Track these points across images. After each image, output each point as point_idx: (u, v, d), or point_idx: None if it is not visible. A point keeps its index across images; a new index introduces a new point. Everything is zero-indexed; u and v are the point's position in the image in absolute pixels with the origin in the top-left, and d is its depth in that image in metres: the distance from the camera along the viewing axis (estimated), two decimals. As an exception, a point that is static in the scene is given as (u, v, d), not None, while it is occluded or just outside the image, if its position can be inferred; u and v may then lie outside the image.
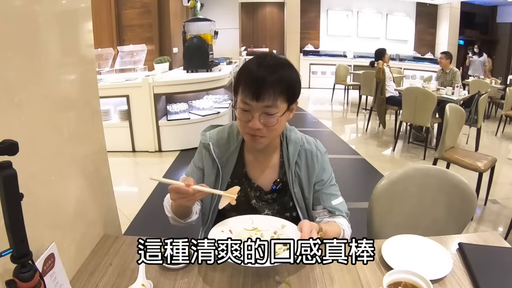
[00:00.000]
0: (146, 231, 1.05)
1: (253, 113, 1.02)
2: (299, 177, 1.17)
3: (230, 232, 1.02)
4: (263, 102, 1.00)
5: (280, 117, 1.04)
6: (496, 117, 6.71)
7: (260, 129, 1.03)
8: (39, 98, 0.87)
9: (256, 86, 1.00)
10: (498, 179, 3.65)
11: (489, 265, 0.97)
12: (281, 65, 1.04)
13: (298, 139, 1.19)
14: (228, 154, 1.18)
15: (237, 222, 1.06)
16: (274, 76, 1.00)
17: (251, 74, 1.02)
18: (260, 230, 1.04)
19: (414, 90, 4.53)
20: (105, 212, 1.22)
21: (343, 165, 4.27)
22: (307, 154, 1.18)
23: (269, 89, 1.00)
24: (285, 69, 1.04)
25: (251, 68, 1.03)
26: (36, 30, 0.86)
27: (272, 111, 1.02)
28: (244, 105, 1.03)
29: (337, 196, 1.21)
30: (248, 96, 1.01)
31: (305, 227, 0.96)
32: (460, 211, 1.39)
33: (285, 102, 1.04)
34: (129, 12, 5.59)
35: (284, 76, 1.02)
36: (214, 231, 1.00)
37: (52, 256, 0.80)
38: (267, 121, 1.03)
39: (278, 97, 1.01)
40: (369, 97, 6.69)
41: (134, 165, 4.17)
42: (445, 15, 9.78)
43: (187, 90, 4.59)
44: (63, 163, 0.97)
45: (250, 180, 1.20)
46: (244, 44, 10.10)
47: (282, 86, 1.01)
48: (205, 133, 1.23)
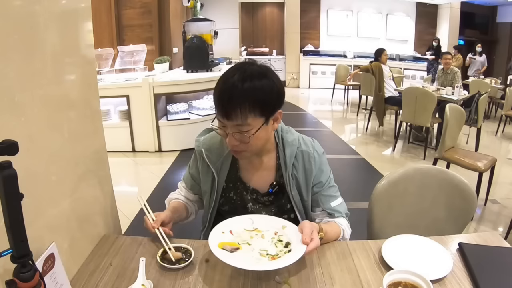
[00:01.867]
0: (146, 231, 1.05)
1: (227, 131, 1.01)
2: (296, 179, 1.15)
3: (231, 233, 1.02)
4: (232, 121, 0.97)
5: (255, 134, 0.99)
6: (496, 117, 6.71)
7: (237, 145, 1.02)
8: (39, 98, 0.87)
9: (222, 105, 0.97)
10: (498, 179, 3.65)
11: (489, 265, 0.97)
12: (250, 77, 0.97)
13: (295, 140, 1.16)
14: (222, 159, 1.16)
15: (237, 222, 1.06)
16: (241, 92, 0.95)
17: (219, 91, 0.98)
18: (260, 231, 1.04)
19: (414, 90, 4.53)
20: (105, 212, 1.22)
21: (343, 165, 4.27)
22: (304, 156, 1.15)
23: (236, 108, 0.95)
24: (255, 80, 0.97)
25: (219, 84, 0.99)
26: (36, 30, 0.86)
27: (243, 129, 0.98)
28: (219, 122, 1.02)
29: (336, 198, 1.19)
30: (219, 114, 0.99)
31: (306, 228, 0.96)
32: (460, 211, 1.39)
33: (260, 117, 0.99)
34: (129, 12, 5.59)
35: (254, 90, 0.96)
36: (214, 233, 1.00)
37: (52, 256, 0.80)
38: (241, 138, 1.00)
39: (248, 114, 0.96)
40: (369, 97, 6.68)
41: (134, 165, 4.16)
42: (445, 15, 9.78)
43: (187, 90, 4.59)
44: (63, 163, 0.97)
45: (245, 183, 1.18)
46: (244, 44, 10.11)
47: (251, 102, 0.96)
48: (199, 138, 1.22)
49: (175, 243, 1.05)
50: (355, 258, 1.03)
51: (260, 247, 0.98)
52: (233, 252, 0.95)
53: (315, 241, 0.94)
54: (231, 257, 0.92)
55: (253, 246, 0.98)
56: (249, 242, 0.99)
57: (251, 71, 0.99)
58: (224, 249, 0.95)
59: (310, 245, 0.93)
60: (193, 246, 1.05)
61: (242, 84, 0.95)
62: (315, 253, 1.04)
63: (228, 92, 0.96)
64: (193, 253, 1.01)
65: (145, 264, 0.93)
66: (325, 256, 1.04)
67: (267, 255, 0.94)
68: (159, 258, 0.99)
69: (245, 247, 0.97)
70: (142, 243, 1.10)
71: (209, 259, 1.01)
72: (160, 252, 1.01)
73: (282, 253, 0.95)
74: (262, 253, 0.95)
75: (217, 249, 0.94)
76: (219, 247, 0.95)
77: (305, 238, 0.94)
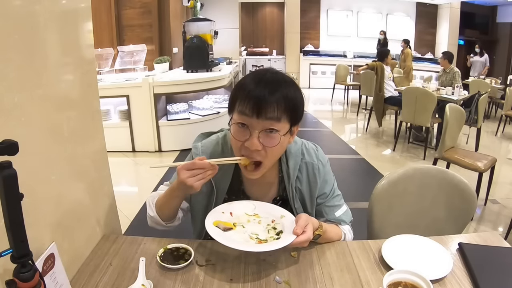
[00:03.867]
0: (146, 231, 1.05)
1: (252, 131, 0.92)
2: (300, 192, 1.11)
3: (230, 215, 1.04)
4: (265, 117, 0.90)
5: (282, 137, 0.94)
6: (496, 117, 6.71)
7: (258, 150, 0.93)
8: (39, 98, 0.87)
9: (257, 101, 0.89)
10: (498, 179, 3.65)
11: (489, 265, 0.97)
12: (283, 82, 0.94)
13: (299, 151, 1.11)
14: (223, 171, 1.08)
15: (240, 205, 1.08)
16: (277, 92, 0.91)
17: (250, 89, 0.91)
18: (259, 217, 1.06)
19: (414, 90, 4.54)
20: (105, 212, 1.22)
21: (343, 165, 4.28)
22: (309, 168, 1.10)
23: (273, 103, 0.90)
24: (288, 86, 0.94)
25: (250, 83, 0.93)
26: (36, 30, 0.86)
27: (275, 127, 0.91)
28: (242, 118, 0.93)
29: (340, 206, 1.16)
30: (247, 110, 0.91)
31: (301, 220, 0.96)
32: (460, 211, 1.39)
33: (288, 122, 0.95)
34: (129, 12, 5.60)
35: (288, 94, 0.93)
36: (215, 211, 1.03)
37: (52, 256, 0.80)
38: (267, 141, 0.93)
39: (282, 113, 0.92)
40: (369, 97, 6.69)
41: (134, 165, 4.16)
42: (445, 15, 9.78)
43: (187, 90, 4.59)
44: (63, 163, 0.97)
45: (249, 197, 1.14)
46: (244, 44, 10.11)
47: (287, 104, 0.92)
48: (197, 145, 1.14)
49: (175, 243, 1.05)
50: (355, 258, 1.03)
51: (252, 230, 1.00)
52: (225, 231, 0.98)
53: (307, 234, 0.93)
54: (220, 235, 0.94)
55: (246, 229, 1.00)
56: (244, 225, 1.02)
57: (284, 77, 0.96)
58: (218, 227, 0.98)
59: (300, 236, 0.92)
60: (193, 246, 1.05)
61: (279, 85, 0.92)
62: (315, 253, 1.04)
63: (267, 87, 0.90)
64: (193, 253, 1.01)
65: (145, 264, 0.93)
66: (325, 256, 1.04)
67: (256, 238, 0.97)
68: (159, 258, 0.99)
69: (238, 228, 1.00)
70: (142, 243, 1.09)
71: (209, 259, 1.01)
72: (160, 252, 1.01)
73: (271, 240, 0.96)
74: (251, 236, 0.98)
75: (211, 225, 0.97)
76: (214, 224, 0.98)
77: (297, 229, 0.93)
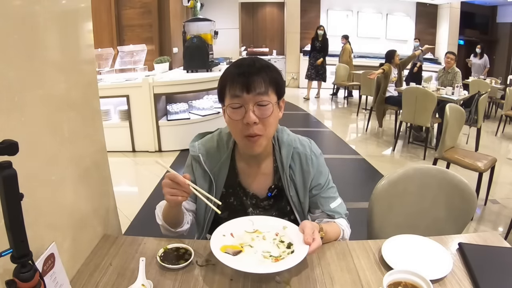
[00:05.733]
0: (146, 231, 1.05)
1: (246, 107, 1.00)
2: (293, 181, 1.15)
3: (232, 236, 1.01)
4: (254, 91, 0.99)
5: (274, 106, 1.03)
6: (496, 117, 6.71)
7: (256, 123, 1.00)
8: (39, 98, 0.87)
9: (244, 79, 0.99)
10: (498, 179, 3.65)
11: (489, 265, 0.97)
12: (262, 63, 1.05)
13: (291, 140, 1.16)
14: (220, 164, 1.15)
15: (238, 224, 1.05)
16: (259, 70, 1.01)
17: (236, 72, 1.02)
18: (261, 232, 1.03)
19: (414, 90, 4.53)
20: (105, 212, 1.22)
21: (343, 165, 4.27)
22: (302, 158, 1.15)
23: (258, 77, 1.00)
24: (267, 66, 1.04)
25: (233, 70, 1.04)
26: (36, 30, 0.86)
27: (265, 99, 1.00)
28: (235, 99, 1.01)
29: (335, 199, 1.19)
30: (237, 89, 1.00)
31: (307, 228, 0.96)
32: (460, 211, 1.39)
33: (275, 95, 1.04)
34: (129, 12, 5.60)
35: (269, 71, 1.03)
36: (215, 236, 0.99)
37: (52, 256, 0.80)
38: (262, 113, 1.01)
39: (268, 85, 1.01)
40: (369, 97, 6.68)
41: (134, 165, 4.16)
42: (445, 15, 9.77)
43: (187, 90, 4.59)
44: (63, 163, 0.97)
45: (245, 188, 1.17)
46: (244, 44, 10.11)
47: (270, 78, 1.02)
48: (193, 144, 1.19)
49: (175, 243, 1.05)
50: (355, 258, 1.03)
51: (263, 248, 0.97)
52: (236, 255, 0.94)
53: (317, 241, 0.94)
54: (235, 260, 0.91)
55: (255, 248, 0.97)
56: (251, 244, 0.99)
57: (259, 59, 1.07)
58: (227, 252, 0.94)
59: (312, 245, 0.93)
60: (193, 246, 1.05)
61: (260, 65, 1.03)
62: (315, 253, 1.04)
63: (249, 66, 1.02)
64: (193, 253, 1.01)
65: (145, 264, 0.93)
66: (325, 256, 1.04)
67: (270, 256, 0.94)
68: (159, 258, 0.99)
69: (247, 249, 0.97)
70: (142, 243, 1.09)
71: (209, 259, 1.01)
72: (160, 252, 1.01)
73: (285, 254, 0.94)
74: (265, 255, 0.95)
75: (220, 252, 0.93)
76: (222, 251, 0.94)
77: (307, 238, 0.94)
